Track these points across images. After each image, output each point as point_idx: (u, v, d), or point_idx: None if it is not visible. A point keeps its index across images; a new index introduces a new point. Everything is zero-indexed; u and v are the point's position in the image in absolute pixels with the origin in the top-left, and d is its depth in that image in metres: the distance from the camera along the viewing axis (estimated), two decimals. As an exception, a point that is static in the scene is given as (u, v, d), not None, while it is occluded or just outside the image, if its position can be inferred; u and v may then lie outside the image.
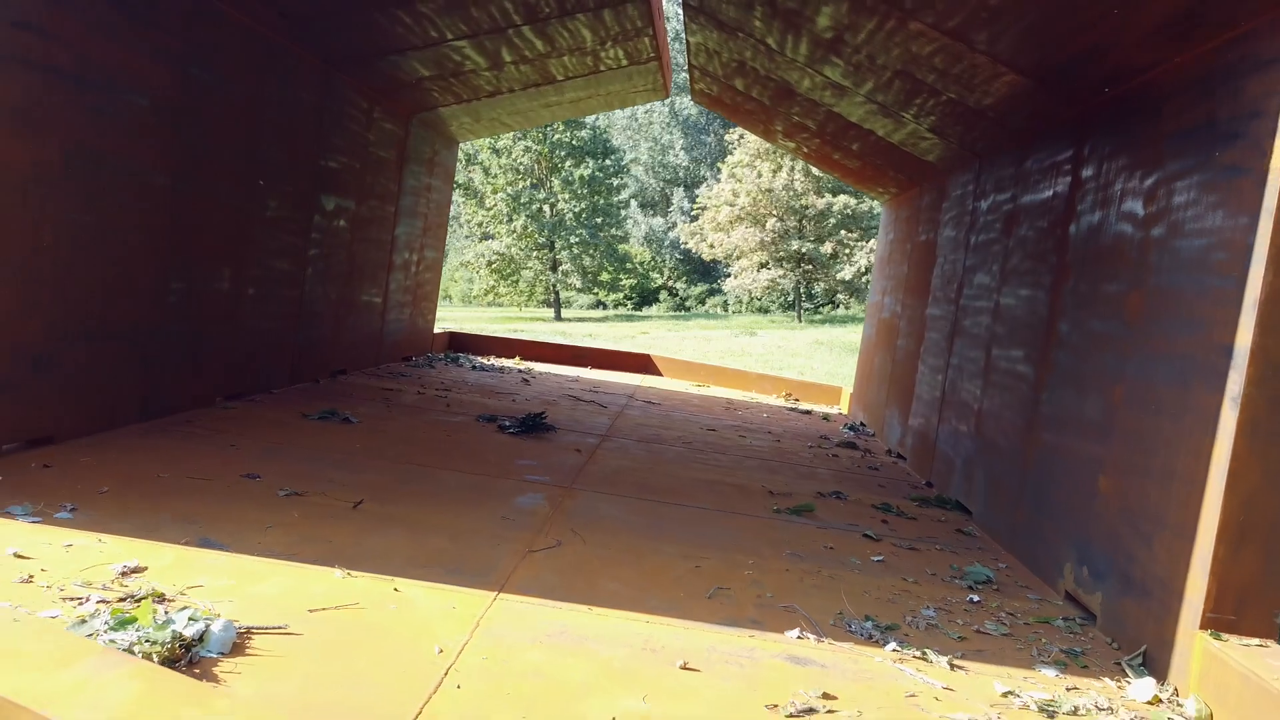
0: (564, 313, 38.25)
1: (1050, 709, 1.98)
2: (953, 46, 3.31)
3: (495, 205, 35.52)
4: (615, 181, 38.96)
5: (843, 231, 30.12)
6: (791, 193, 29.10)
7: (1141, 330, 2.61)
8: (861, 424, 6.33)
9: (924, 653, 2.20)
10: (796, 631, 2.24)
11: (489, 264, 37.45)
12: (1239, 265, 2.15)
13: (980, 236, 4.27)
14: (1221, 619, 2.11)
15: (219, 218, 3.83)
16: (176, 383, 3.71)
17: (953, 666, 2.16)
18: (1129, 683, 2.21)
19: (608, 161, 37.58)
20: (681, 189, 50.41)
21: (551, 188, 36.60)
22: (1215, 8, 2.24)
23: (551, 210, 36.57)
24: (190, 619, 1.76)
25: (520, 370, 7.02)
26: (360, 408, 4.43)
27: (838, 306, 36.98)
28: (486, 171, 36.37)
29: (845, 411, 7.07)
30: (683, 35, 6.47)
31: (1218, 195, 2.29)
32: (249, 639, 1.78)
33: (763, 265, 31.88)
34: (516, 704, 1.67)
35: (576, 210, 36.70)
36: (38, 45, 2.69)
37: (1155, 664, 2.28)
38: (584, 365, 7.86)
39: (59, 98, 2.80)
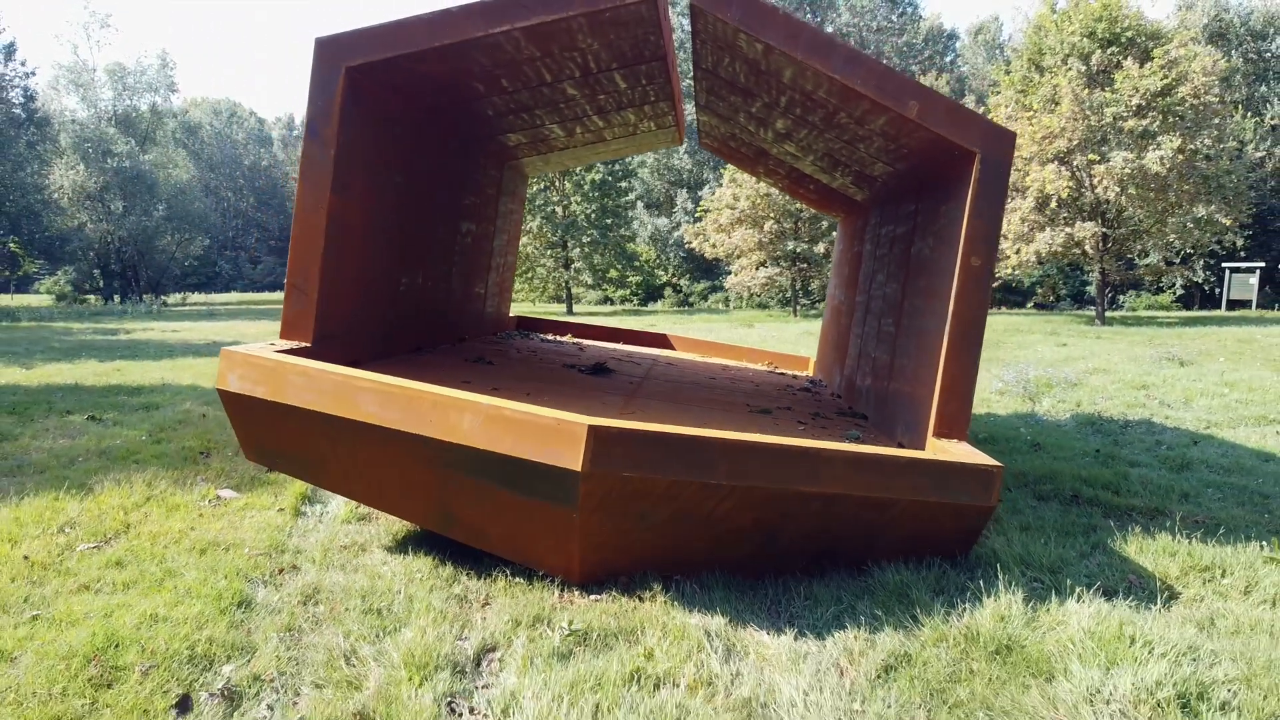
0: (575, 307, 40.68)
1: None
2: (849, 148, 5.85)
3: (513, 207, 37.76)
4: (623, 184, 41.04)
5: (834, 233, 32.58)
6: (787, 197, 31.53)
7: (928, 306, 5.13)
8: (820, 380, 8.89)
9: (810, 452, 4.74)
10: (751, 442, 4.77)
11: (506, 262, 39.57)
12: (952, 272, 4.66)
13: (881, 251, 6.81)
14: (941, 431, 4.62)
15: (417, 241, 6.39)
16: (397, 339, 6.26)
17: (822, 456, 4.69)
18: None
19: (616, 165, 39.81)
20: (685, 190, 52.64)
21: (564, 190, 38.97)
22: (953, 155, 4.77)
23: (564, 211, 38.93)
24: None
25: (573, 343, 9.58)
26: (491, 358, 6.98)
27: (831, 302, 39.20)
28: (505, 176, 38.52)
29: (810, 374, 9.62)
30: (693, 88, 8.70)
31: (951, 240, 4.82)
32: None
33: (761, 264, 34.28)
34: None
35: (588, 212, 38.97)
36: (366, 161, 5.23)
37: (920, 460, 4.80)
38: (617, 341, 10.42)
39: (369, 182, 5.34)
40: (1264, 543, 4.60)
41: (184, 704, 2.99)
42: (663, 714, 2.76)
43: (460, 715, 2.88)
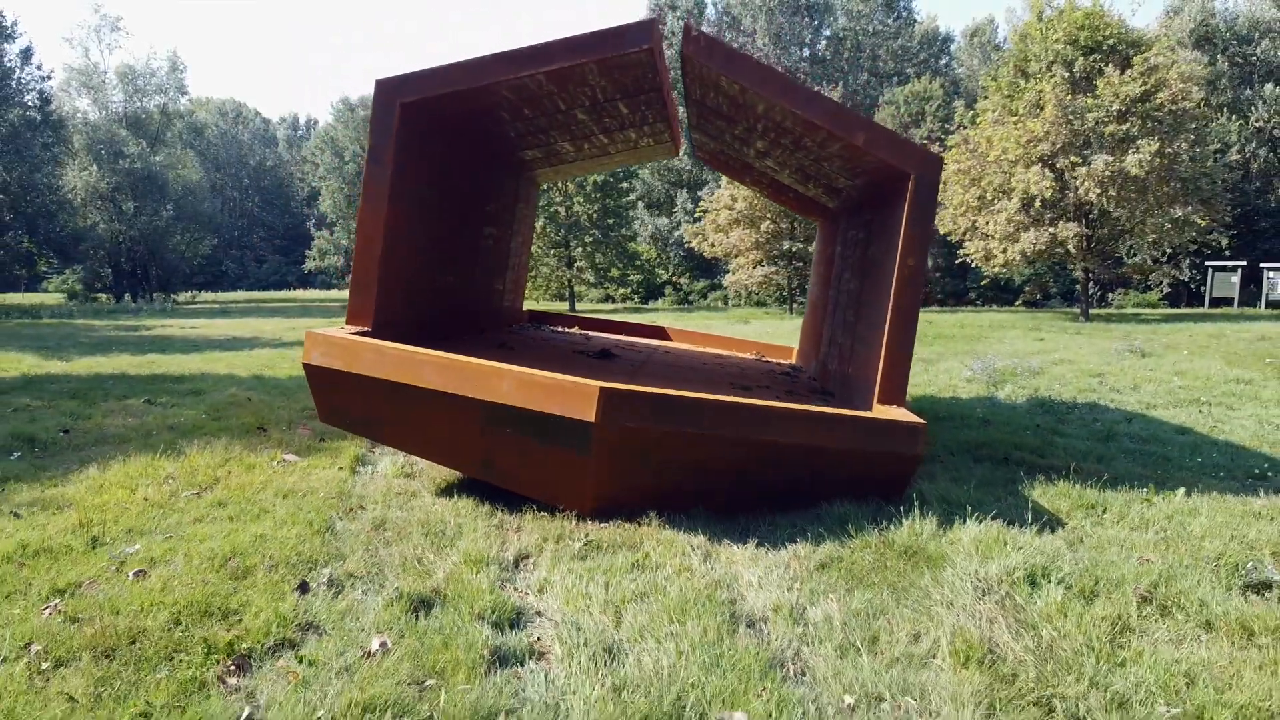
0: (577, 305, 41.72)
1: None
2: (817, 166, 6.92)
3: (517, 208, 38.78)
4: (624, 185, 42.01)
5: (828, 233, 33.49)
6: (782, 198, 32.40)
7: (877, 299, 6.20)
8: (800, 367, 9.97)
9: (778, 416, 5.81)
10: (730, 409, 5.84)
11: (510, 261, 40.56)
12: (892, 271, 5.72)
13: (847, 252, 7.88)
14: (884, 399, 5.67)
15: (448, 244, 7.46)
16: (431, 328, 7.33)
17: (788, 420, 5.76)
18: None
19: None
20: (685, 191, 53.62)
21: (567, 191, 39.99)
22: (894, 175, 5.83)
23: (567, 212, 39.93)
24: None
25: (580, 334, 10.66)
26: (511, 345, 8.05)
27: (826, 300, 40.17)
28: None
29: (793, 361, 10.71)
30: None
31: (894, 244, 5.88)
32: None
33: (758, 263, 35.31)
34: (634, 409, 5.29)
35: (590, 212, 39.97)
36: (413, 179, 6.30)
37: (869, 423, 5.87)
38: (619, 333, 11.50)
39: (415, 195, 6.41)
40: (1145, 488, 5.68)
41: (303, 587, 4.06)
42: (654, 585, 3.83)
43: (508, 591, 3.96)
